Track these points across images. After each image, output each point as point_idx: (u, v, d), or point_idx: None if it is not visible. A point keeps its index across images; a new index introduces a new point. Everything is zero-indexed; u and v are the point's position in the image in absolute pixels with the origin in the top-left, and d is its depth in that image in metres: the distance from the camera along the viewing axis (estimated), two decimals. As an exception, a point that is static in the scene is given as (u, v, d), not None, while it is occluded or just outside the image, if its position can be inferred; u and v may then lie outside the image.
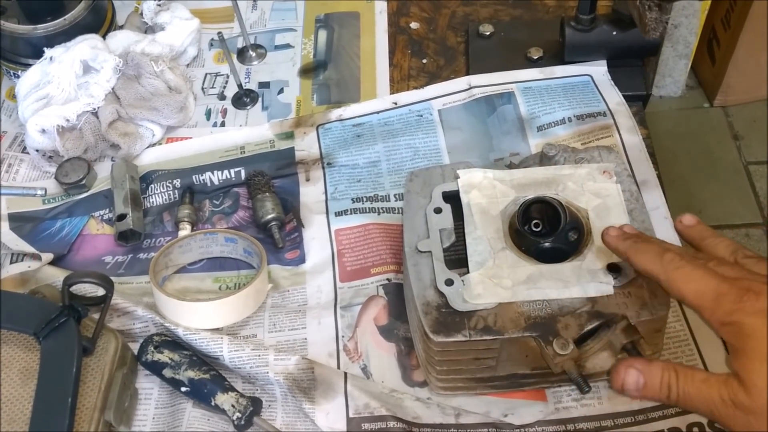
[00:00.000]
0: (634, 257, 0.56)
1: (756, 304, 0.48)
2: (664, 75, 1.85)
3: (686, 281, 0.51)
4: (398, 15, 0.95)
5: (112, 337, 0.66)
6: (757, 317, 0.48)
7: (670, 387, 0.51)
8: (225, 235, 0.75)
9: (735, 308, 0.49)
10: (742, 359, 0.48)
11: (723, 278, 0.50)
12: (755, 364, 0.47)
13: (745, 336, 0.48)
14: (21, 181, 0.84)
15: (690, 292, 0.51)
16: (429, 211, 0.66)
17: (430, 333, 0.60)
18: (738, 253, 0.54)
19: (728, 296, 0.49)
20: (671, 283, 0.52)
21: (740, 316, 0.48)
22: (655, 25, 0.72)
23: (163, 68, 0.84)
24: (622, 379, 0.53)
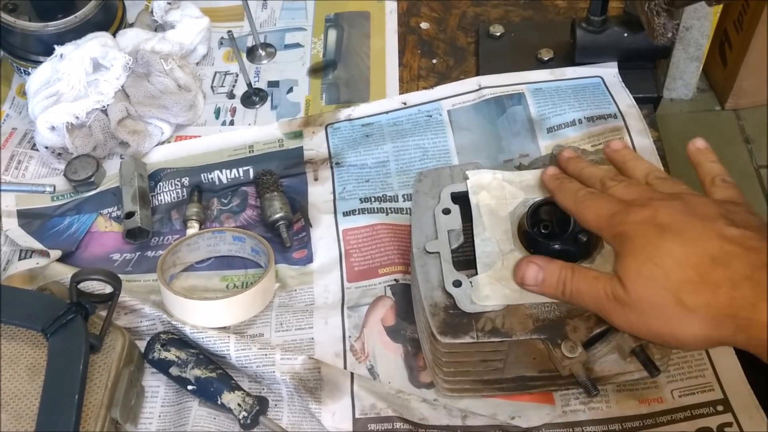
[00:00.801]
0: (557, 195, 0.61)
1: (638, 215, 0.53)
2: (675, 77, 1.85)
3: (589, 210, 0.57)
4: (408, 15, 0.95)
5: (119, 334, 0.66)
6: (637, 225, 0.53)
7: (565, 283, 0.56)
8: (233, 234, 0.75)
9: (622, 221, 0.54)
10: (620, 261, 0.53)
11: (619, 201, 0.56)
12: (629, 262, 0.52)
13: (625, 241, 0.53)
14: (30, 177, 0.84)
15: (591, 217, 0.57)
16: (437, 211, 0.66)
17: (438, 334, 0.60)
18: (650, 174, 0.59)
19: (620, 214, 0.55)
20: (579, 215, 0.58)
21: (624, 226, 0.54)
22: (663, 30, 0.72)
23: (173, 66, 0.84)
24: (523, 272, 0.58)
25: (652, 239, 0.52)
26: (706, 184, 0.59)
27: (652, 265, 0.51)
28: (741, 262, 0.49)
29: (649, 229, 0.52)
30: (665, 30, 0.71)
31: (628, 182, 0.59)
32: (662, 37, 0.72)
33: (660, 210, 0.53)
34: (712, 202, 0.54)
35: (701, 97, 1.92)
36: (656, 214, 0.53)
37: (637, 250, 0.52)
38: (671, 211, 0.53)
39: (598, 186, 0.60)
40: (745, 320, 0.48)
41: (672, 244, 0.51)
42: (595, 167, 0.63)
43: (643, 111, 0.82)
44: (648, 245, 0.52)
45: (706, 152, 0.61)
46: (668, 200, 0.54)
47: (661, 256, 0.51)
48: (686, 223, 0.52)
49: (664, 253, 0.51)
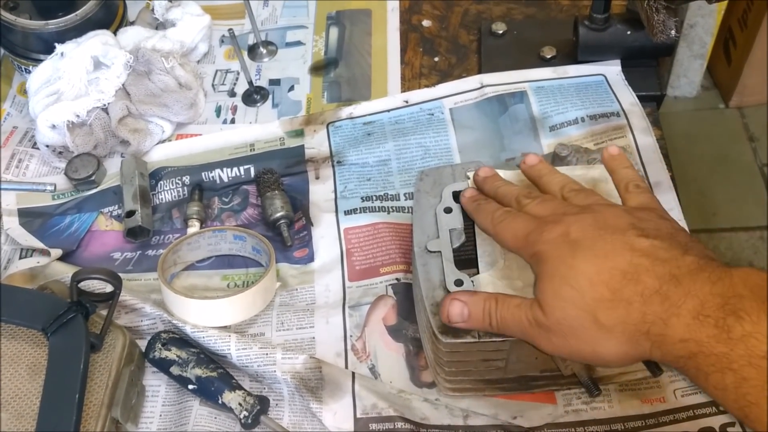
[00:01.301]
0: (476, 218, 0.62)
1: (552, 233, 0.53)
2: (679, 75, 1.85)
3: (506, 230, 0.57)
4: (410, 12, 0.95)
5: (120, 333, 0.66)
6: (550, 243, 0.53)
7: (491, 314, 0.56)
8: (234, 233, 0.75)
9: (537, 240, 0.54)
10: (538, 283, 0.53)
11: (534, 219, 0.56)
12: (545, 284, 0.52)
13: (541, 261, 0.53)
14: (31, 176, 0.84)
15: (509, 238, 0.57)
16: (439, 210, 0.66)
17: (439, 334, 0.59)
18: (565, 187, 0.59)
19: (534, 232, 0.55)
20: (498, 236, 0.59)
21: (539, 246, 0.54)
22: (662, 28, 0.71)
23: (174, 64, 0.84)
24: (447, 310, 0.57)
25: (565, 258, 0.52)
26: (620, 191, 0.59)
27: (567, 286, 0.51)
28: (650, 275, 0.49)
29: (562, 247, 0.52)
30: (665, 27, 0.70)
31: (542, 198, 0.59)
32: (662, 35, 0.71)
33: (572, 225, 0.53)
34: (624, 212, 0.54)
35: (705, 95, 1.92)
36: (568, 230, 0.53)
37: (552, 271, 0.52)
38: (582, 226, 0.53)
39: (514, 204, 0.59)
40: (659, 336, 0.47)
41: (584, 262, 0.51)
42: (511, 185, 0.62)
43: (646, 109, 0.81)
44: (562, 265, 0.52)
45: (619, 158, 0.61)
46: (580, 213, 0.54)
47: (575, 276, 0.51)
48: (597, 238, 0.52)
49: (578, 272, 0.51)
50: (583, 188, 0.60)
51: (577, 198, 0.58)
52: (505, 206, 0.60)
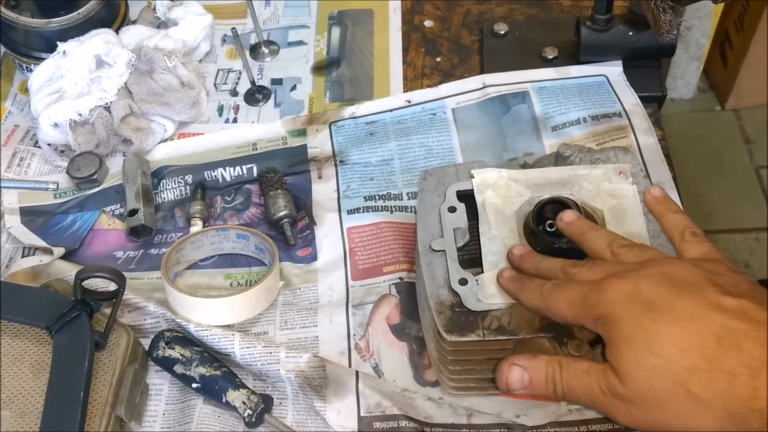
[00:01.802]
0: (521, 297, 0.57)
1: (617, 291, 0.48)
2: (675, 77, 1.85)
3: (559, 301, 0.52)
4: (412, 13, 0.95)
5: (124, 332, 0.66)
6: (619, 304, 0.48)
7: (555, 381, 0.52)
8: (237, 232, 0.75)
9: (599, 301, 0.49)
10: (612, 349, 0.48)
11: (588, 283, 0.51)
12: (622, 350, 0.47)
13: (610, 325, 0.48)
14: (33, 175, 0.83)
15: (564, 308, 0.52)
16: (443, 209, 0.66)
17: (444, 332, 0.60)
18: (613, 244, 0.55)
19: (593, 293, 0.50)
20: (550, 310, 0.53)
21: (604, 307, 0.49)
22: (669, 27, 0.71)
23: (176, 63, 0.84)
24: (506, 378, 0.54)
25: (643, 321, 0.46)
26: (675, 239, 0.54)
27: (650, 354, 0.45)
28: (753, 342, 0.43)
29: (635, 308, 0.47)
30: (671, 27, 0.71)
31: (592, 263, 0.54)
32: (668, 35, 0.72)
33: (640, 282, 0.48)
34: (692, 265, 0.49)
35: (701, 97, 1.93)
36: (637, 287, 0.48)
37: (629, 337, 0.47)
38: (652, 283, 0.48)
39: (561, 275, 0.55)
40: None
41: (667, 326, 0.45)
42: (552, 259, 0.57)
43: (647, 110, 0.82)
44: (640, 329, 0.46)
45: (665, 201, 0.57)
46: (644, 269, 0.49)
47: (659, 343, 0.45)
48: (675, 296, 0.47)
49: (661, 337, 0.45)
50: (635, 243, 0.54)
51: (630, 254, 0.53)
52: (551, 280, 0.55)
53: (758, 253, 1.68)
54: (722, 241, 1.70)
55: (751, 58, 1.75)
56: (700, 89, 1.92)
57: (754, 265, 1.67)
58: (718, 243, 1.69)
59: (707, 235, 0.55)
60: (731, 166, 1.82)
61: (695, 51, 1.78)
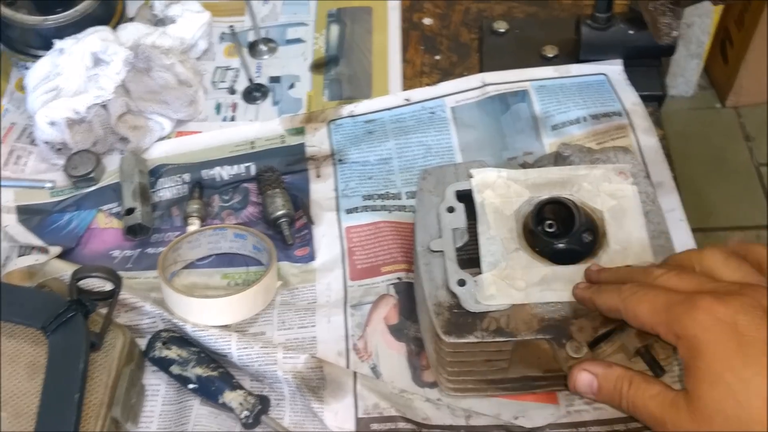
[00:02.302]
0: (598, 300, 0.54)
1: (711, 312, 0.44)
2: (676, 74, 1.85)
3: (640, 303, 0.49)
4: (411, 11, 0.94)
5: (120, 332, 0.65)
6: (710, 331, 0.44)
7: (621, 394, 0.50)
8: (234, 231, 0.74)
9: (687, 318, 0.45)
10: (694, 381, 0.45)
11: (676, 292, 0.47)
12: (704, 388, 0.44)
13: (696, 352, 0.45)
14: (29, 173, 0.83)
15: (644, 312, 0.48)
16: (442, 210, 0.65)
17: (442, 334, 0.59)
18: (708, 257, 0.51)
19: (682, 305, 0.46)
20: (628, 311, 0.50)
21: (693, 328, 0.45)
22: (668, 30, 0.71)
23: (174, 61, 0.83)
24: (575, 380, 0.53)
25: (734, 363, 0.43)
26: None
27: (734, 402, 0.43)
28: None
29: (729, 344, 0.43)
30: (670, 29, 0.70)
31: (680, 269, 0.50)
32: (667, 37, 0.71)
33: (739, 313, 0.44)
34: None
35: (702, 95, 1.92)
36: (735, 317, 0.44)
37: (715, 376, 0.43)
38: (753, 318, 0.43)
39: (642, 277, 0.51)
40: None
41: (758, 376, 0.42)
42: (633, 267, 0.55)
43: (648, 109, 0.81)
44: (730, 372, 0.43)
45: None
46: (744, 296, 0.45)
47: (746, 391, 0.42)
48: None
49: (750, 386, 0.42)
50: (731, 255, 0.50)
51: (726, 269, 0.49)
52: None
53: (758, 252, 1.68)
54: (722, 238, 1.70)
55: (751, 55, 1.75)
56: (700, 87, 1.92)
57: (754, 263, 1.67)
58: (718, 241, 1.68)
59: (706, 232, 0.54)
60: (731, 163, 1.81)
61: (695, 48, 1.77)
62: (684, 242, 0.71)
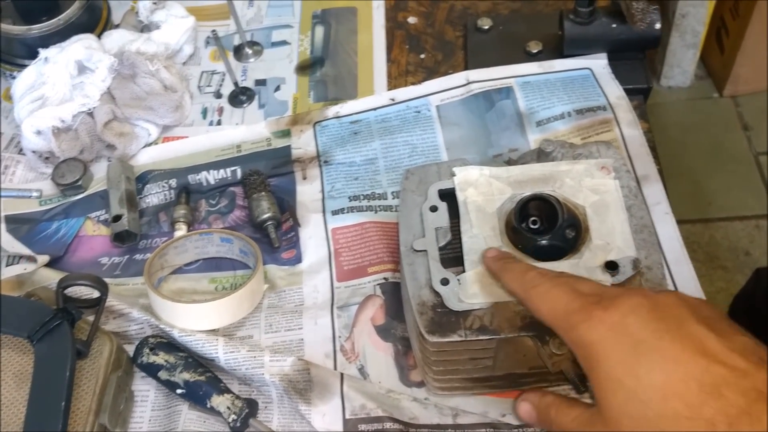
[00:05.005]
0: (502, 276, 0.57)
1: (603, 323, 0.47)
2: (672, 65, 1.84)
3: (541, 299, 0.51)
4: (396, 10, 0.94)
5: (107, 339, 0.65)
6: (604, 339, 0.46)
7: (551, 420, 0.55)
8: (221, 236, 0.74)
9: (584, 325, 0.47)
10: (598, 390, 0.47)
11: (577, 294, 0.49)
12: (608, 396, 0.46)
13: (594, 361, 0.47)
14: (17, 182, 0.83)
15: (544, 310, 0.51)
16: (424, 209, 0.65)
17: (426, 333, 0.59)
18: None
19: (578, 311, 0.48)
20: (528, 302, 0.53)
21: (589, 335, 0.47)
22: (641, 16, 0.71)
23: (159, 67, 0.83)
24: (518, 409, 0.60)
25: (629, 365, 0.45)
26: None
27: (636, 402, 0.45)
28: (733, 390, 0.43)
29: (622, 348, 0.46)
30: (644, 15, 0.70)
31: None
32: (642, 23, 0.71)
33: (628, 316, 0.46)
34: (678, 298, 0.48)
35: (699, 85, 1.91)
36: (625, 321, 0.46)
37: (615, 382, 0.46)
38: (641, 318, 0.46)
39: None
40: None
41: (652, 372, 0.45)
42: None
43: (633, 102, 0.81)
44: (627, 375, 0.45)
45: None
46: (632, 298, 0.48)
47: (643, 389, 0.45)
48: (662, 334, 0.46)
49: (646, 384, 0.45)
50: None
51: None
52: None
53: (758, 241, 1.67)
54: (722, 228, 1.69)
55: (747, 44, 1.74)
56: (697, 77, 1.91)
57: (755, 252, 1.66)
58: (717, 231, 1.68)
59: (706, 223, 0.55)
60: (730, 153, 1.81)
61: (691, 38, 1.77)
62: (670, 235, 0.71)
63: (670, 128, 1.81)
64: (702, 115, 1.88)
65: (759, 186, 1.76)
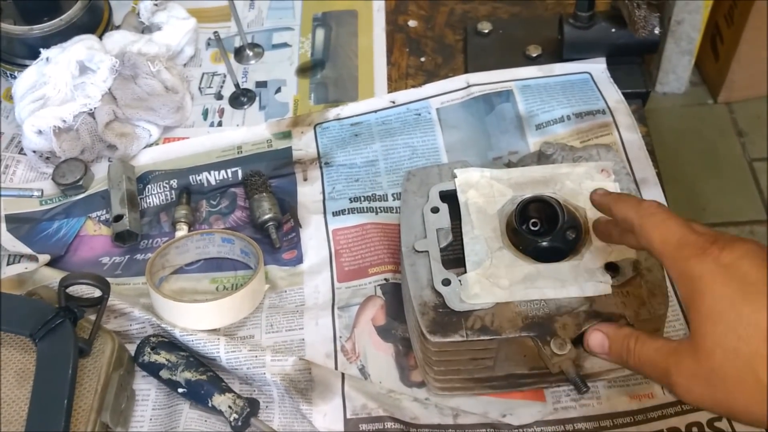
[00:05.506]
0: (615, 207, 0.55)
1: (716, 261, 0.46)
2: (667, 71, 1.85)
3: (655, 227, 0.51)
4: (396, 13, 0.95)
5: (109, 338, 0.65)
6: (715, 273, 0.46)
7: (629, 351, 0.52)
8: (222, 236, 0.75)
9: (695, 259, 0.47)
10: (697, 321, 0.47)
11: (693, 230, 0.49)
12: (707, 327, 0.46)
13: (699, 292, 0.46)
14: (18, 182, 0.83)
15: (656, 237, 0.50)
16: (426, 210, 0.66)
17: (427, 333, 0.60)
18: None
19: (692, 246, 0.48)
20: (642, 229, 0.51)
21: (699, 268, 0.47)
22: (644, 23, 0.72)
23: (160, 68, 0.83)
24: (589, 339, 0.56)
25: (735, 302, 0.45)
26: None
27: (734, 335, 0.45)
28: None
29: (730, 284, 0.45)
30: (646, 23, 0.71)
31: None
32: (644, 31, 0.72)
33: (743, 258, 0.46)
34: None
35: (694, 91, 1.92)
36: (739, 263, 0.46)
37: (717, 314, 0.45)
38: (754, 262, 0.46)
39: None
40: None
41: (757, 312, 0.44)
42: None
43: (631, 106, 0.82)
44: (731, 310, 0.45)
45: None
46: (749, 243, 0.47)
47: (745, 326, 0.44)
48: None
49: (749, 321, 0.44)
50: None
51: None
52: None
53: (752, 246, 1.68)
54: (716, 234, 1.70)
55: (742, 51, 1.75)
56: (692, 83, 1.92)
57: (748, 258, 1.67)
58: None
59: None
60: (724, 159, 1.82)
61: (686, 45, 1.78)
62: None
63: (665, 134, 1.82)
64: (697, 121, 1.89)
65: (753, 192, 1.77)
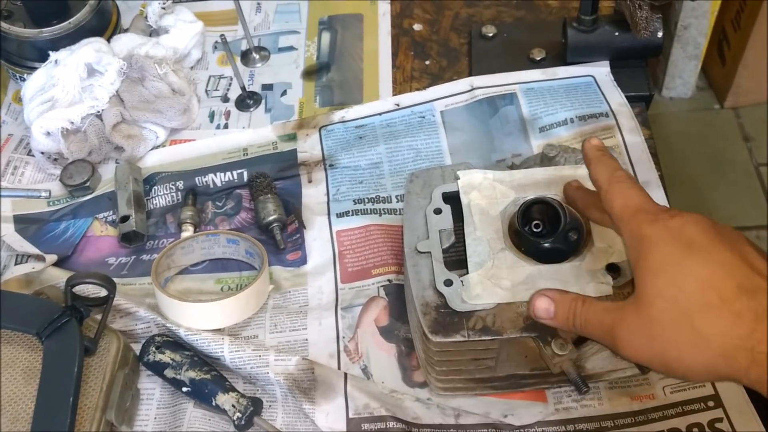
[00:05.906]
0: (593, 165, 0.58)
1: (666, 224, 0.50)
2: (674, 76, 1.85)
3: (620, 194, 0.54)
4: (401, 16, 0.95)
5: (114, 337, 0.66)
6: (661, 234, 0.49)
7: (575, 313, 0.54)
8: (227, 237, 0.75)
9: (648, 223, 0.50)
10: (640, 275, 0.49)
11: (653, 202, 0.52)
12: (649, 279, 0.49)
13: (646, 250, 0.49)
14: (26, 183, 0.84)
15: (618, 202, 0.53)
16: (429, 211, 0.66)
17: (429, 333, 0.60)
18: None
19: (647, 212, 0.51)
20: (608, 193, 0.55)
21: (648, 230, 0.50)
22: (645, 24, 0.72)
23: (167, 71, 0.84)
24: (534, 304, 0.57)
25: (677, 258, 0.48)
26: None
27: (673, 286, 0.48)
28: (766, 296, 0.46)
29: (675, 243, 0.49)
30: (648, 24, 0.71)
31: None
32: (645, 32, 0.72)
33: (689, 224, 0.49)
34: (740, 233, 0.50)
35: (700, 96, 1.92)
36: (685, 227, 0.49)
37: (659, 268, 0.49)
38: (700, 228, 0.49)
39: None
40: (762, 354, 0.44)
41: (698, 265, 0.47)
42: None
43: (635, 109, 0.82)
44: (672, 264, 0.48)
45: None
46: (699, 215, 0.51)
47: (684, 277, 0.47)
48: (715, 243, 0.48)
49: (688, 273, 0.47)
50: None
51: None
52: None
53: (759, 251, 1.68)
54: (722, 239, 1.69)
55: (748, 56, 1.75)
56: (698, 88, 1.92)
57: (755, 263, 1.67)
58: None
59: None
60: (731, 164, 1.81)
61: (693, 50, 1.78)
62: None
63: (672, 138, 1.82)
64: (703, 126, 1.89)
65: (760, 197, 1.76)
